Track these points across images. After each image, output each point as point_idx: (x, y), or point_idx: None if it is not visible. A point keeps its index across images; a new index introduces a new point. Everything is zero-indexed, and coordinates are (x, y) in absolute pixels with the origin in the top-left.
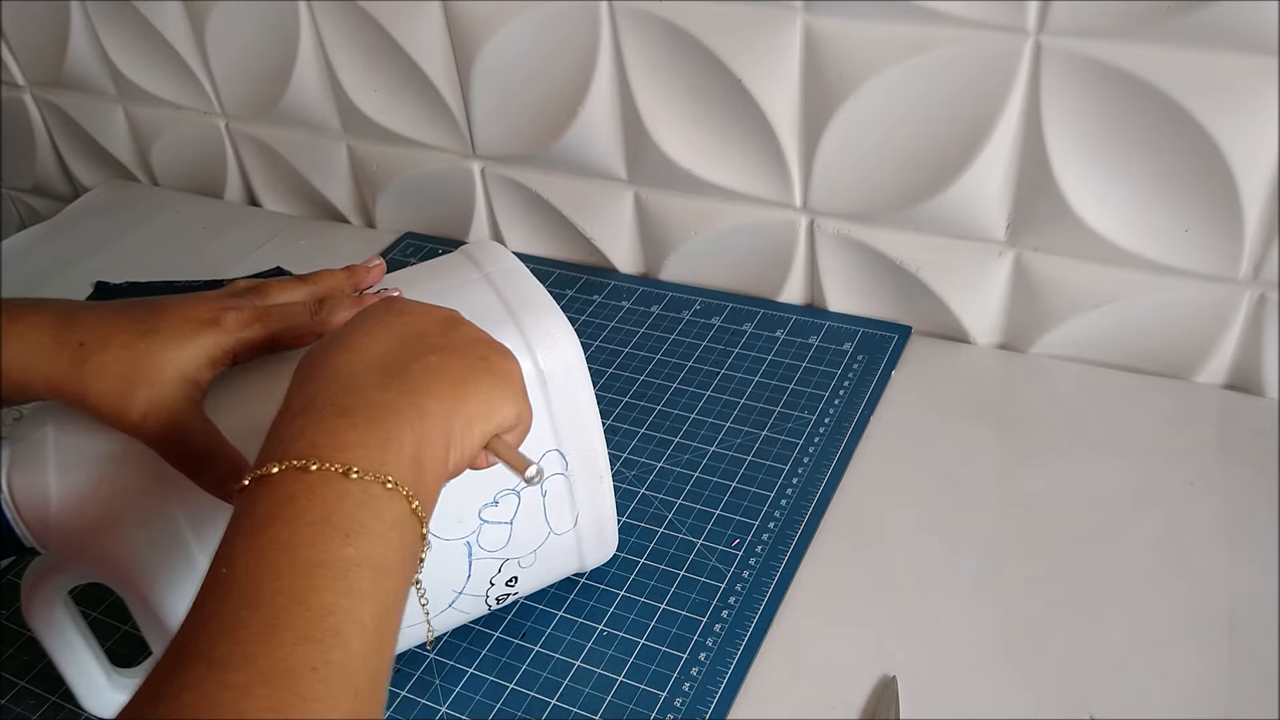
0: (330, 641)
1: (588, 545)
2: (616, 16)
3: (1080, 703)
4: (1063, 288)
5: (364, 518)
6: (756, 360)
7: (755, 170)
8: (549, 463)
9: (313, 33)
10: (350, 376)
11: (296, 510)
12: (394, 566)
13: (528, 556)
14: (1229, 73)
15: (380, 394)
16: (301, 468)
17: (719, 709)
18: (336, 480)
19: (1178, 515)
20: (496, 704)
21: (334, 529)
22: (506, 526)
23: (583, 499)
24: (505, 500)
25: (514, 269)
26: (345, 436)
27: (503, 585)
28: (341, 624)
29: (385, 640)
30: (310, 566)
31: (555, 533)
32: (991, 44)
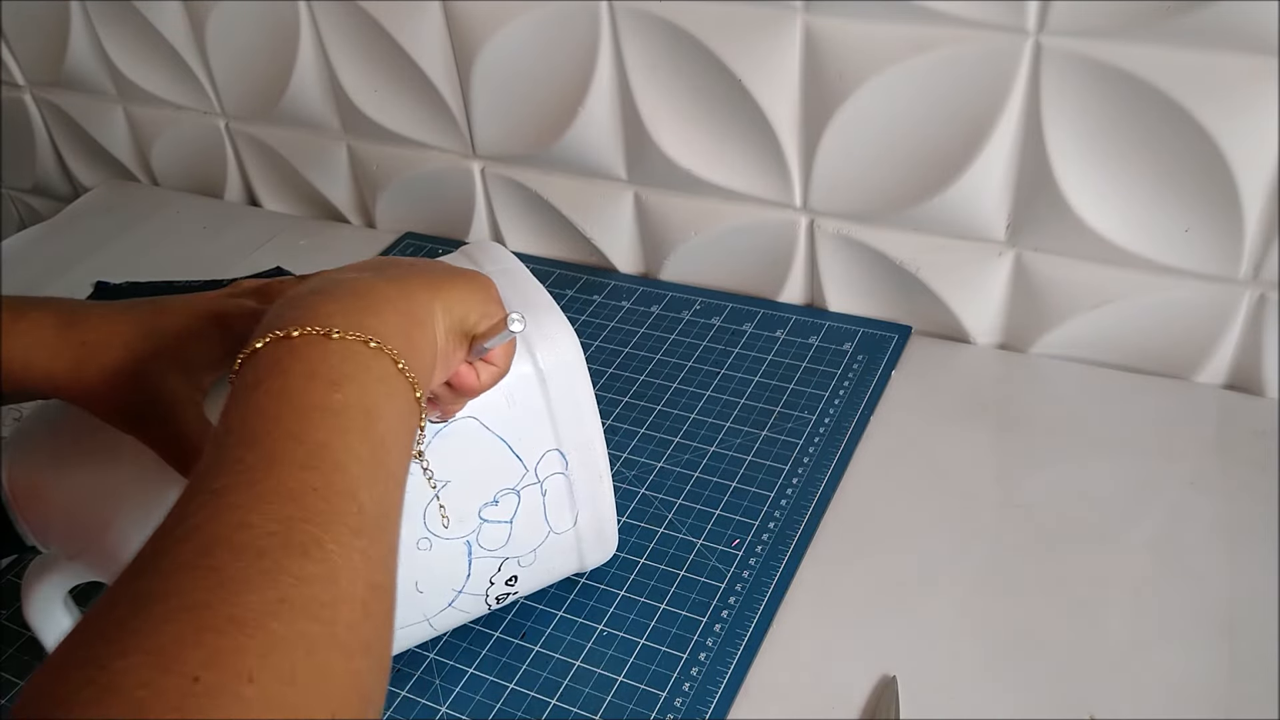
0: (328, 466)
1: (588, 545)
2: (616, 16)
3: (1080, 703)
4: (1063, 288)
5: (349, 370)
6: (756, 360)
7: (755, 170)
8: (548, 463)
9: (313, 33)
10: (335, 277)
11: (285, 369)
12: (386, 414)
13: (527, 556)
14: (1229, 73)
15: (365, 280)
16: (284, 336)
17: (719, 709)
18: (318, 340)
19: (1178, 515)
20: (496, 704)
21: (320, 379)
22: (506, 525)
23: (583, 498)
24: (505, 499)
25: (514, 269)
26: (326, 308)
27: (502, 584)
28: (339, 454)
29: (387, 475)
30: (303, 410)
31: (555, 532)
32: (991, 44)
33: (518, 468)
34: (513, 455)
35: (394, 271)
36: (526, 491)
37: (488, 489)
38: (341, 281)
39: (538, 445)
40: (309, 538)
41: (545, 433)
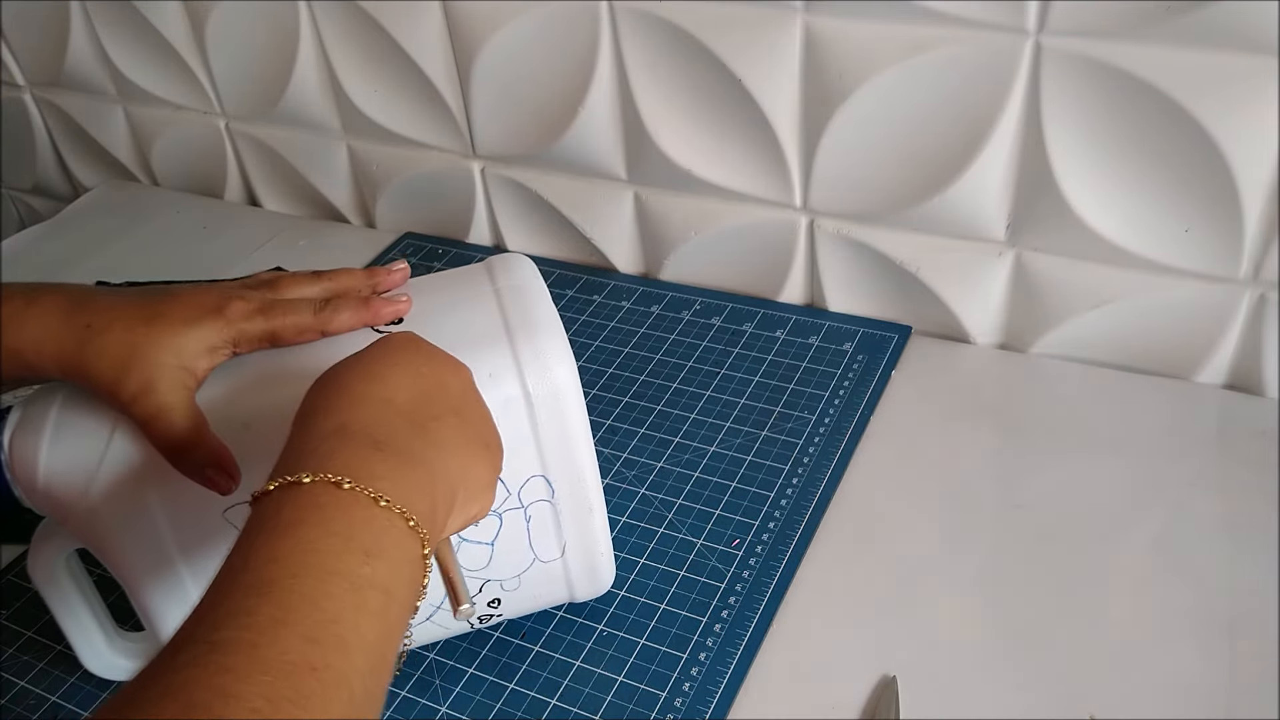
0: (333, 646)
1: (577, 577)
2: (616, 16)
3: (1080, 703)
4: (1063, 288)
5: (385, 544)
6: (756, 360)
7: (755, 170)
8: (533, 489)
9: (313, 33)
10: (381, 413)
11: (324, 519)
12: (402, 597)
13: (511, 580)
14: (1229, 73)
15: (410, 441)
16: (336, 482)
17: (719, 709)
18: (367, 503)
19: (1178, 515)
20: (496, 704)
21: (356, 545)
22: (487, 547)
23: (570, 529)
24: (485, 521)
25: (525, 285)
26: (377, 468)
27: (484, 605)
28: (347, 634)
29: (383, 664)
30: (327, 573)
31: (541, 560)
32: (991, 44)
33: (499, 490)
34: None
35: (439, 438)
36: (509, 515)
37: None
38: (391, 434)
39: (522, 470)
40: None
41: (530, 458)
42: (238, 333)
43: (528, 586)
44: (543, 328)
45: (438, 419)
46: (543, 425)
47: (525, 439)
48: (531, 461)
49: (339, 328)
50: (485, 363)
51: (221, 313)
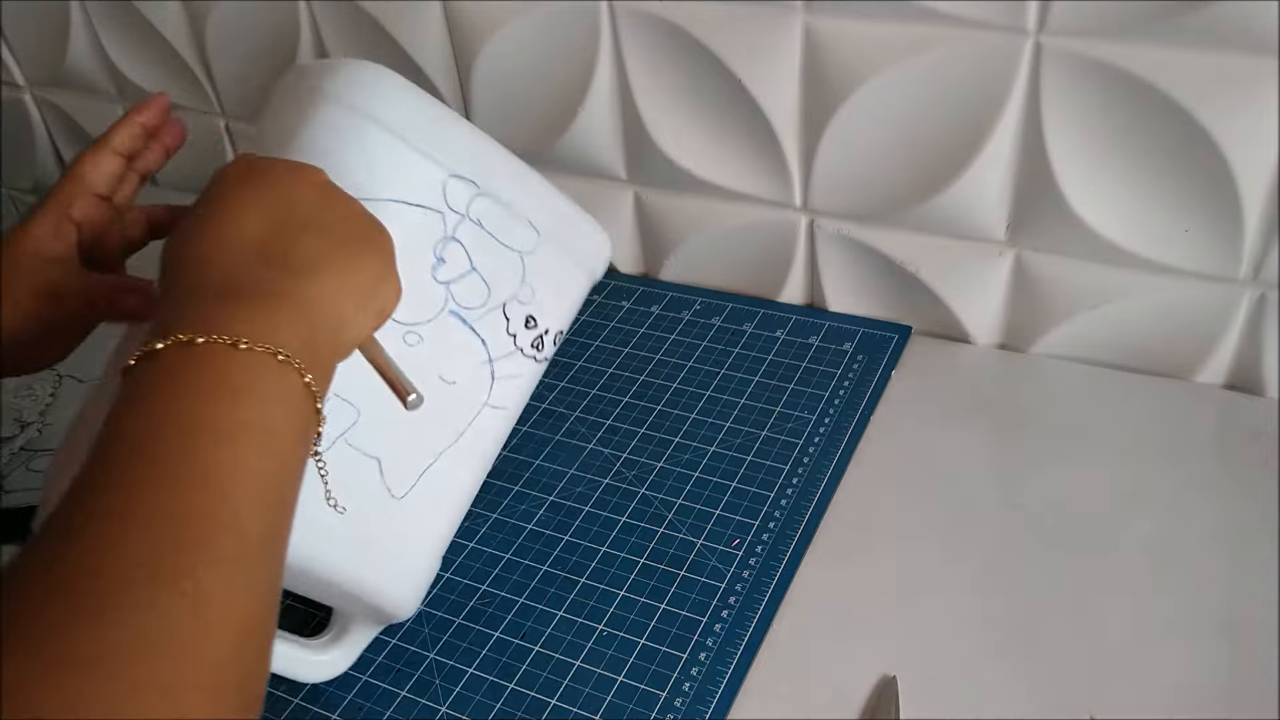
0: (216, 492)
1: (578, 244)
2: (616, 16)
3: (1080, 703)
4: (1063, 288)
5: (251, 383)
6: (756, 360)
7: (755, 170)
8: (456, 193)
9: (312, 33)
10: (232, 260)
11: (182, 378)
12: (284, 431)
13: (523, 290)
14: (1229, 73)
15: (269, 281)
16: (188, 341)
17: (719, 709)
18: (224, 351)
19: (1177, 515)
20: (496, 704)
21: (222, 393)
22: (473, 275)
23: (523, 205)
24: (448, 251)
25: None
26: (232, 313)
27: (524, 329)
28: (229, 478)
29: (279, 500)
30: (194, 425)
31: (526, 252)
32: (991, 44)
33: (432, 216)
34: (415, 208)
35: (299, 262)
36: (461, 231)
37: (422, 252)
38: (244, 279)
39: (429, 185)
40: (181, 569)
41: (426, 170)
42: (59, 200)
43: (541, 283)
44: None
45: (294, 242)
46: (407, 134)
47: (400, 153)
48: (430, 172)
49: (147, 166)
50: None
51: (44, 200)
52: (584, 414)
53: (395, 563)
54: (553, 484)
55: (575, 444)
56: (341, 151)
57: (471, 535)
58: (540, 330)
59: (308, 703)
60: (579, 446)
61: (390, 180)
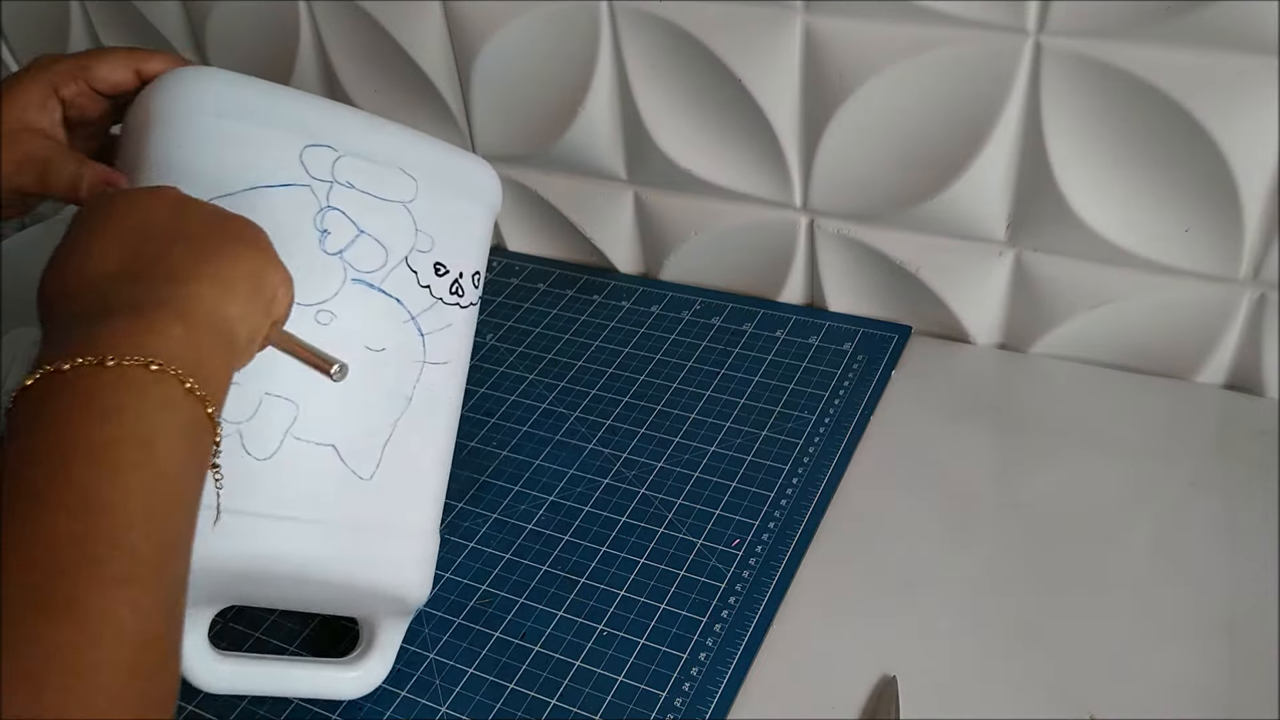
0: (95, 512)
1: (460, 181)
2: (616, 16)
3: (1080, 703)
4: (1063, 288)
5: (122, 399)
6: (756, 360)
7: (755, 170)
8: (316, 161)
9: (312, 33)
10: (95, 288)
11: (53, 406)
12: (166, 443)
13: (419, 239)
14: (1229, 73)
15: (135, 294)
16: (55, 370)
17: (719, 709)
18: (91, 372)
19: (1178, 515)
20: (496, 704)
21: (90, 414)
22: (362, 237)
23: (396, 156)
24: (330, 222)
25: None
26: (99, 335)
27: (437, 278)
28: (107, 496)
29: (168, 512)
30: (67, 447)
31: (408, 201)
32: (991, 44)
33: (299, 191)
34: (280, 188)
35: (171, 270)
36: (335, 197)
37: (303, 229)
38: (113, 297)
39: (285, 161)
40: (66, 596)
41: (278, 148)
42: (52, 74)
43: (431, 229)
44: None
45: (160, 258)
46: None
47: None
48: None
49: (154, 69)
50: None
51: (30, 65)
52: (584, 414)
53: (391, 543)
54: (553, 484)
55: (575, 444)
56: (189, 159)
57: (471, 535)
58: (454, 275)
59: (308, 703)
60: (579, 446)
61: (245, 169)
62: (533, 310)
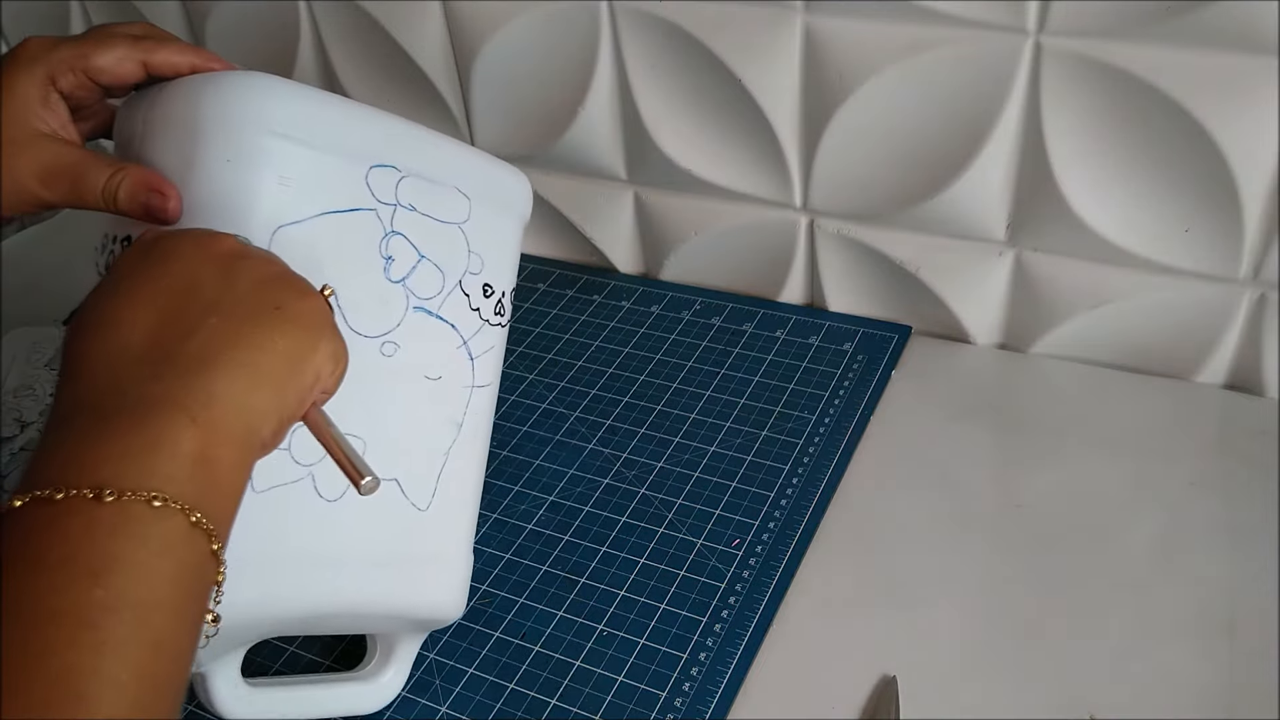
0: (71, 707)
1: (501, 195)
2: (616, 16)
3: (1080, 703)
4: (1063, 288)
5: (118, 549)
6: (756, 360)
7: (755, 170)
8: (382, 182)
9: (312, 33)
10: (111, 370)
11: (35, 552)
12: (165, 600)
13: (471, 260)
14: (1229, 73)
15: (150, 386)
16: (45, 498)
17: (719, 709)
18: (85, 507)
19: (1178, 515)
20: (496, 704)
21: (79, 568)
22: (423, 263)
23: (451, 174)
24: (394, 248)
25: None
26: (101, 449)
27: (484, 299)
28: (86, 685)
29: (159, 687)
30: (47, 620)
31: (462, 222)
32: (991, 44)
33: (366, 216)
34: (347, 213)
35: (191, 358)
36: (398, 221)
37: (370, 256)
38: (122, 390)
39: (352, 184)
40: None
41: (345, 169)
42: (46, 67)
43: (481, 237)
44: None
45: (190, 333)
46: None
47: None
48: (354, 170)
49: (163, 60)
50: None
51: (20, 54)
52: (584, 414)
53: (437, 573)
54: (553, 484)
55: (575, 444)
56: (250, 182)
57: None
58: (498, 295)
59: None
60: (579, 446)
61: (313, 193)
62: (533, 310)
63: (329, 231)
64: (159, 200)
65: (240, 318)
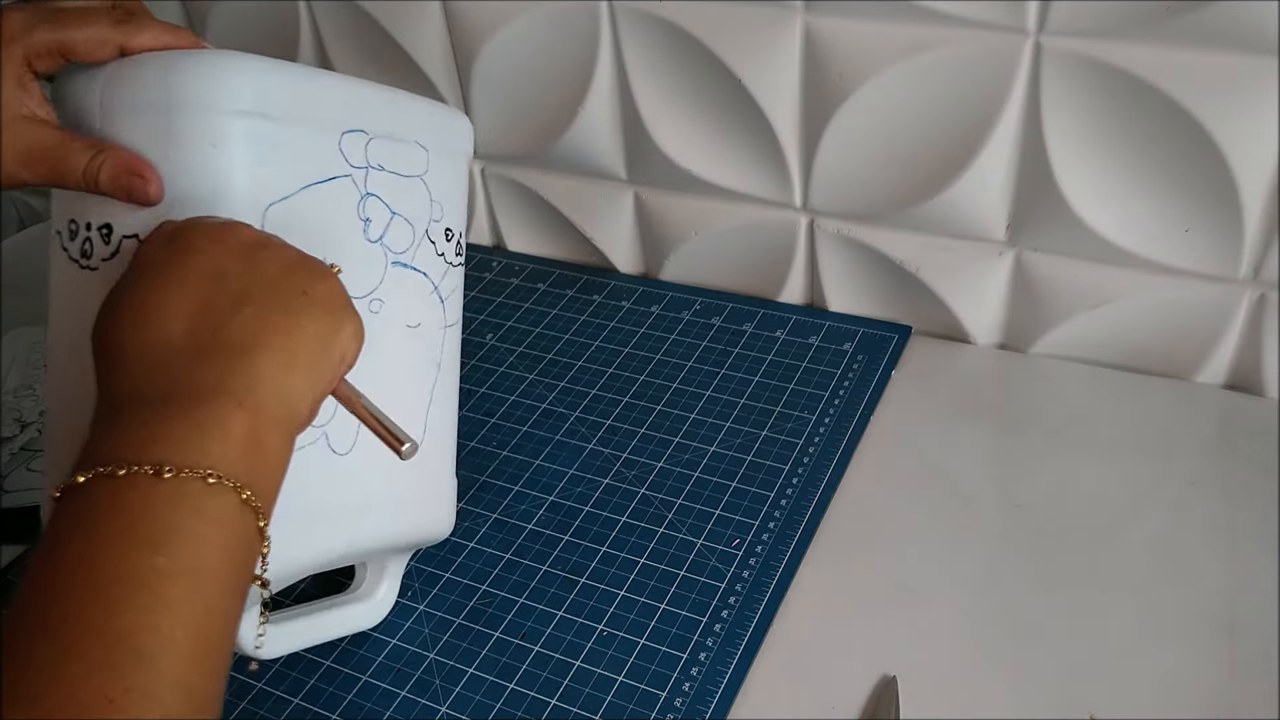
0: (131, 666)
1: (452, 141)
2: (616, 16)
3: (1080, 703)
4: (1063, 288)
5: (177, 520)
6: (756, 360)
7: (755, 170)
8: (354, 146)
9: (312, 33)
10: (154, 360)
11: (97, 521)
12: (217, 569)
13: (433, 209)
14: (1229, 73)
15: (196, 374)
16: (108, 474)
17: (719, 709)
18: (145, 482)
19: (1178, 515)
20: (496, 704)
21: (140, 537)
22: (395, 219)
23: (410, 129)
24: (369, 209)
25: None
26: (156, 431)
27: (446, 242)
28: (145, 644)
29: (211, 649)
30: (108, 583)
31: (423, 173)
32: (991, 44)
33: (342, 182)
34: (327, 183)
35: (233, 345)
36: (371, 182)
37: (349, 222)
38: (170, 378)
39: (327, 153)
40: None
41: (320, 140)
42: (23, 48)
43: (444, 196)
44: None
45: (225, 322)
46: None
47: (288, 149)
48: (327, 139)
49: (142, 45)
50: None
51: None
52: (584, 414)
53: (434, 499)
54: (553, 484)
55: (575, 444)
56: (230, 165)
57: (471, 535)
58: (457, 236)
59: (308, 703)
60: (579, 446)
61: (294, 167)
62: (533, 310)
63: (313, 202)
64: (140, 184)
65: (271, 305)
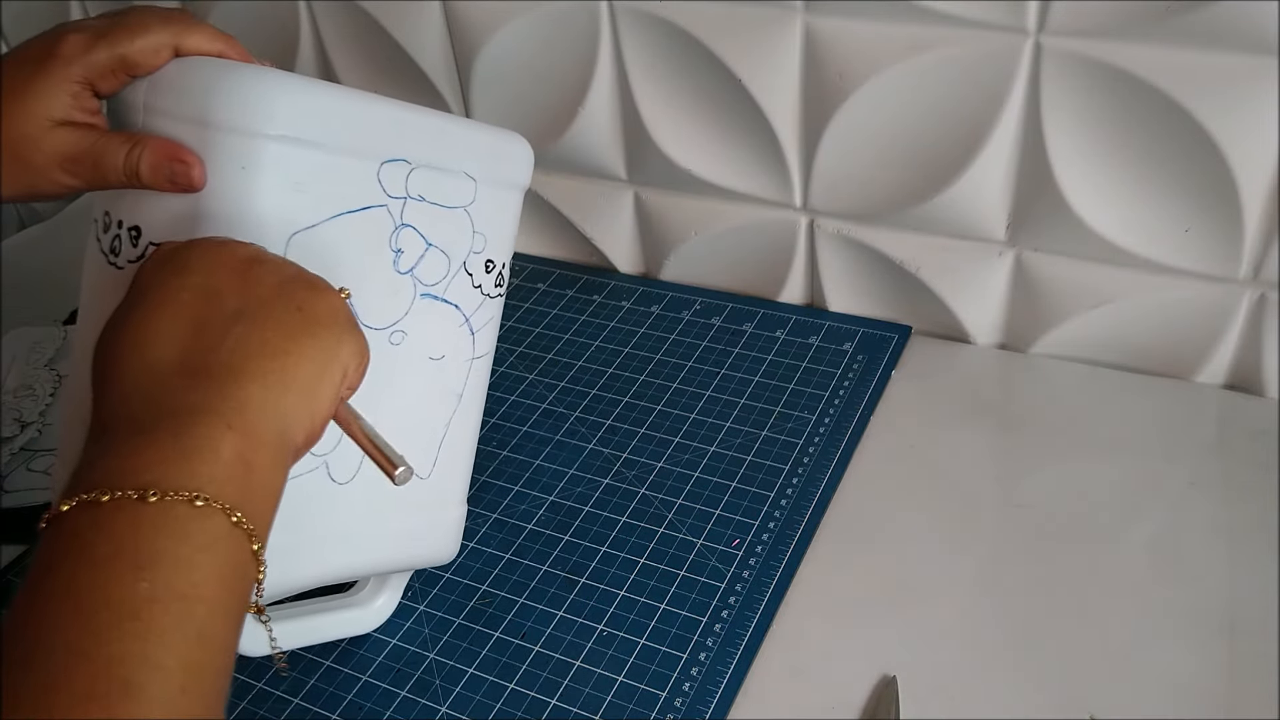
0: (118, 695)
1: (505, 170)
2: (616, 16)
3: (1080, 703)
4: (1063, 288)
5: (162, 545)
6: (756, 360)
7: (755, 170)
8: (393, 177)
9: (312, 33)
10: (146, 384)
11: (82, 548)
12: (208, 594)
13: (475, 240)
14: (1229, 73)
15: (186, 397)
16: (92, 500)
17: (719, 709)
18: (130, 507)
19: (1177, 515)
20: (496, 704)
21: (126, 562)
22: (430, 251)
23: (458, 159)
24: (403, 240)
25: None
26: (143, 456)
27: (485, 274)
28: (133, 672)
29: (203, 676)
30: (94, 610)
31: (468, 204)
32: (991, 44)
33: (377, 212)
34: (360, 212)
35: (223, 367)
36: (408, 213)
37: (379, 252)
38: (157, 402)
39: (364, 183)
40: None
41: (358, 169)
42: (84, 69)
43: (482, 216)
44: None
45: (218, 342)
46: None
47: (328, 165)
48: (366, 168)
49: (195, 46)
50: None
51: (54, 54)
52: (584, 414)
53: (440, 527)
54: (553, 484)
55: (575, 444)
56: (261, 189)
57: (471, 535)
58: (498, 269)
59: (308, 703)
60: (579, 446)
61: (328, 197)
62: (533, 310)
63: (342, 232)
64: (183, 169)
65: (265, 323)
